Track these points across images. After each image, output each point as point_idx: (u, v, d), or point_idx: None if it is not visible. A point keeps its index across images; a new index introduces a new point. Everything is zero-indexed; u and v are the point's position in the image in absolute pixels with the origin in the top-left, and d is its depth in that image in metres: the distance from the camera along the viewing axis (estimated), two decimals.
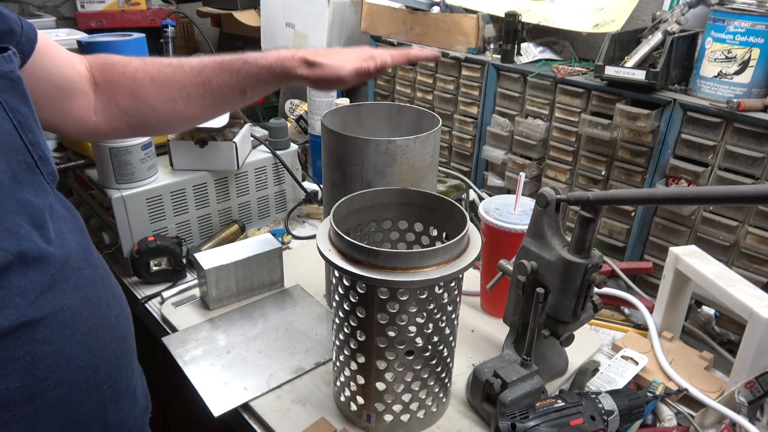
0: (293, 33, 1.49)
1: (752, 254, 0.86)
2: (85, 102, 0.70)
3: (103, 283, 0.58)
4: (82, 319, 0.52)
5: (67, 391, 0.51)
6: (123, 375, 0.59)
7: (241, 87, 0.72)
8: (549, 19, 1.09)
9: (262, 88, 0.74)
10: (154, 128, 0.78)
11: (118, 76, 0.71)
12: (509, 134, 1.14)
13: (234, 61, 0.71)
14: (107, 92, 0.71)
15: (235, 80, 0.71)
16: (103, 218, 1.04)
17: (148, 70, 0.71)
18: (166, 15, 1.59)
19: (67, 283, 0.51)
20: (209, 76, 0.71)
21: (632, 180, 0.99)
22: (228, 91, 0.72)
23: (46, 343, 0.48)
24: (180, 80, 0.71)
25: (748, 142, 0.83)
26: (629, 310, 0.94)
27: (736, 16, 0.82)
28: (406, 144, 0.73)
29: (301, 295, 0.94)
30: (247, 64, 0.71)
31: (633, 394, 0.66)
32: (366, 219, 0.73)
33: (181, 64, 0.72)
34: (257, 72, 0.71)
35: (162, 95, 0.71)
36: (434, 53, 0.77)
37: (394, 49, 0.75)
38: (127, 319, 0.62)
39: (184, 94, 0.72)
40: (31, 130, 0.52)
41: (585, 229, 0.60)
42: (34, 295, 0.48)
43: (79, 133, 0.72)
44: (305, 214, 1.22)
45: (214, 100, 0.73)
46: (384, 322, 0.61)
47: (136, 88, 0.71)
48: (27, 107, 0.52)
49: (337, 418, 0.70)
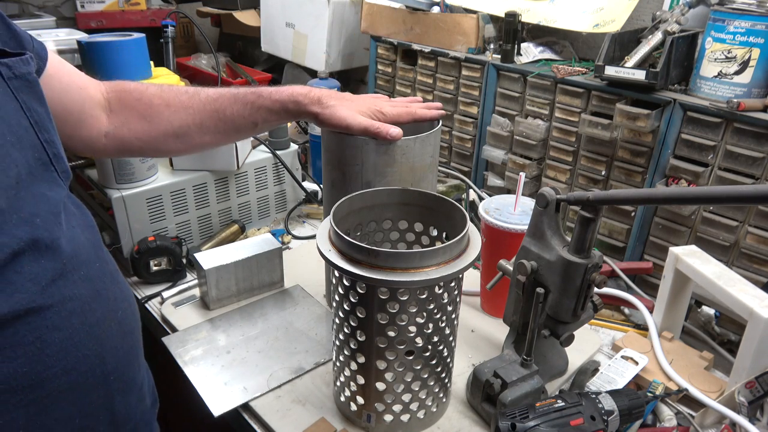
0: (293, 33, 1.49)
1: (752, 254, 0.86)
2: (95, 126, 0.72)
3: (112, 278, 0.59)
4: (90, 309, 0.53)
5: (74, 378, 0.51)
6: (130, 369, 0.60)
7: (253, 119, 0.75)
8: (549, 19, 1.09)
9: (273, 122, 0.77)
10: (164, 152, 0.81)
11: (135, 102, 0.74)
12: (509, 134, 1.14)
13: (249, 94, 0.75)
14: (121, 117, 0.73)
15: (249, 112, 0.74)
16: (103, 218, 1.04)
17: (164, 96, 0.74)
18: (166, 15, 1.59)
19: (78, 274, 0.52)
20: (223, 106, 0.74)
21: (632, 180, 0.99)
22: (240, 122, 0.75)
23: (54, 330, 0.49)
24: (195, 107, 0.74)
25: (748, 142, 0.83)
26: (629, 310, 0.94)
27: (736, 16, 0.82)
28: (406, 144, 0.73)
29: (301, 295, 0.94)
30: (261, 97, 0.74)
31: (633, 394, 0.66)
32: (366, 219, 0.73)
33: (197, 93, 0.75)
34: (270, 106, 0.74)
35: (176, 120, 0.74)
36: (440, 112, 0.80)
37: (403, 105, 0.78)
38: (134, 314, 0.63)
39: (198, 121, 0.74)
40: (47, 129, 0.53)
41: (585, 229, 0.60)
42: (45, 282, 0.49)
43: (85, 151, 0.75)
44: (305, 214, 1.22)
45: (226, 130, 0.76)
46: (384, 322, 0.61)
47: (151, 113, 0.73)
48: (43, 108, 0.54)
49: (337, 418, 0.70)
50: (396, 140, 0.72)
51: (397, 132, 0.72)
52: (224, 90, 0.76)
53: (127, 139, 0.74)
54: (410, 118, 0.77)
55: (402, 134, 0.72)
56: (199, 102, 0.74)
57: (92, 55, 1.05)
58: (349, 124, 0.72)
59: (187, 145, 0.77)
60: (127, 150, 0.76)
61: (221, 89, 0.76)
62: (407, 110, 0.77)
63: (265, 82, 1.57)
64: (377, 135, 0.71)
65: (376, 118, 0.74)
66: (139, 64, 1.10)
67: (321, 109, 0.73)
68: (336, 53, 1.45)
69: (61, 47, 1.26)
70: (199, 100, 0.74)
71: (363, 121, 0.72)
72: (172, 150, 0.79)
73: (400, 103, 0.79)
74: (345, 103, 0.74)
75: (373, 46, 1.37)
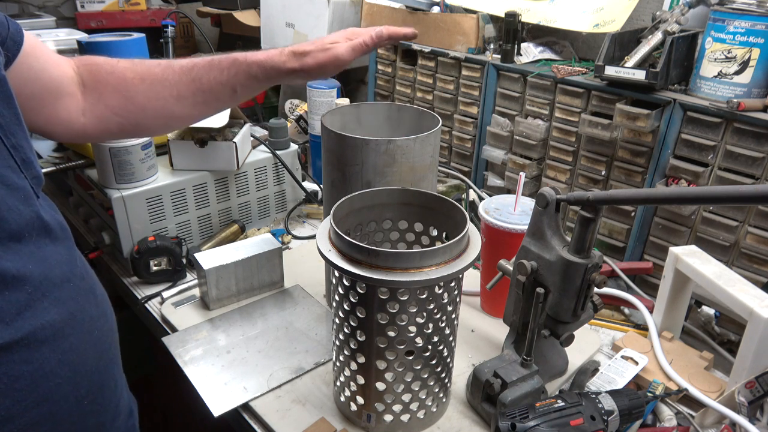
0: (293, 33, 1.49)
1: (752, 254, 0.86)
2: (72, 104, 0.69)
3: (86, 295, 0.56)
4: (63, 335, 0.51)
5: (46, 409, 0.50)
6: (105, 389, 0.58)
7: (231, 84, 0.72)
8: (549, 19, 1.09)
9: (253, 86, 0.73)
10: (145, 128, 0.77)
11: (107, 75, 0.70)
12: (509, 134, 1.14)
13: (224, 59, 0.72)
14: (96, 93, 0.70)
15: (226, 77, 0.71)
16: (103, 218, 1.04)
17: (137, 69, 0.71)
18: (166, 15, 1.59)
19: (48, 300, 0.50)
20: (199, 74, 0.71)
21: (632, 180, 0.99)
22: (219, 89, 0.72)
23: (24, 363, 0.47)
24: (170, 79, 0.71)
25: (748, 142, 0.83)
26: (629, 310, 0.94)
27: (736, 16, 0.82)
28: (406, 144, 0.73)
29: (301, 295, 0.94)
30: (237, 61, 0.71)
31: (633, 394, 0.66)
32: (366, 219, 0.73)
33: (171, 64, 0.72)
34: (247, 69, 0.71)
35: (152, 94, 0.71)
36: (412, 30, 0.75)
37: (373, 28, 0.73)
38: (111, 329, 0.61)
39: (175, 92, 0.71)
40: (13, 133, 0.50)
41: (585, 229, 0.60)
42: (10, 317, 0.46)
43: (67, 135, 0.71)
44: (305, 214, 1.22)
45: (205, 98, 0.73)
46: (384, 322, 0.61)
47: (126, 87, 0.70)
48: (9, 109, 0.51)
49: (337, 418, 0.70)
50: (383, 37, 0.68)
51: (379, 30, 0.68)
52: (198, 59, 0.72)
53: (105, 116, 0.71)
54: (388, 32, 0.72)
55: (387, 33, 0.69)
56: (174, 73, 0.71)
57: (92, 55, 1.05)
58: (337, 55, 0.68)
59: (167, 119, 0.74)
60: (107, 129, 0.72)
61: (196, 58, 0.73)
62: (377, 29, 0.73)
63: None
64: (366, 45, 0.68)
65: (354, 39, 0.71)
66: None
67: (300, 62, 0.69)
68: None
69: (61, 47, 1.26)
70: (173, 71, 0.71)
71: (347, 44, 0.69)
72: (153, 126, 0.75)
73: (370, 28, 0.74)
74: (318, 45, 0.70)
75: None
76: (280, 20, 1.51)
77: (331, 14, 1.39)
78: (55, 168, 1.02)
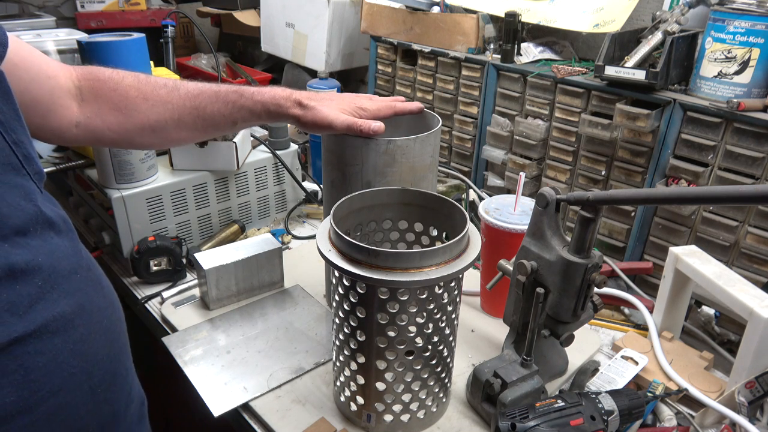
0: (293, 33, 1.49)
1: (752, 254, 0.86)
2: (65, 115, 0.68)
3: (94, 286, 0.57)
4: (73, 326, 0.52)
5: (62, 399, 0.50)
6: (117, 377, 0.59)
7: (233, 118, 0.73)
8: (549, 19, 1.09)
9: (253, 122, 0.76)
10: (138, 145, 0.78)
11: (109, 92, 0.70)
12: (509, 134, 1.14)
13: (231, 93, 0.73)
14: (94, 108, 0.70)
15: (229, 111, 0.73)
16: (103, 218, 1.04)
17: (142, 89, 0.71)
18: (166, 15, 1.59)
19: (57, 291, 0.51)
20: (204, 103, 0.72)
21: (632, 180, 0.99)
22: (220, 120, 0.74)
23: (38, 354, 0.48)
24: (174, 103, 0.72)
25: (748, 142, 0.83)
26: (629, 310, 0.94)
27: (736, 16, 0.82)
28: (406, 144, 0.73)
29: (301, 295, 0.94)
30: (243, 97, 0.73)
31: (633, 394, 0.66)
32: (366, 219, 0.73)
33: (177, 87, 0.73)
34: (252, 107, 0.73)
35: (153, 115, 0.71)
36: (419, 105, 0.80)
37: (383, 101, 0.79)
38: (119, 319, 0.62)
39: (176, 116, 0.72)
40: (14, 129, 0.50)
41: (585, 229, 0.60)
42: (23, 310, 0.47)
43: (56, 141, 0.71)
44: (305, 214, 1.22)
45: (204, 127, 0.74)
46: (384, 322, 0.61)
47: (126, 106, 0.70)
48: (8, 105, 0.50)
49: (337, 418, 0.70)
50: (378, 134, 0.72)
51: (379, 126, 0.71)
52: (205, 86, 0.74)
53: (100, 130, 0.70)
54: (390, 112, 0.77)
55: (384, 128, 0.72)
56: (179, 98, 0.72)
57: (92, 55, 1.05)
58: (332, 122, 0.72)
59: (162, 140, 0.75)
60: (99, 141, 0.72)
61: (202, 84, 0.74)
62: (387, 104, 0.77)
63: (265, 82, 1.57)
64: (360, 131, 0.71)
65: (358, 115, 0.74)
66: (139, 64, 1.10)
67: (302, 111, 0.72)
68: (336, 53, 1.45)
69: (61, 47, 1.25)
70: (178, 95, 0.72)
71: (345, 118, 0.72)
72: (146, 144, 0.76)
73: (380, 100, 0.79)
74: (325, 103, 0.74)
75: (373, 46, 1.37)
76: (280, 20, 1.51)
77: (331, 14, 1.39)
78: (55, 168, 1.02)
